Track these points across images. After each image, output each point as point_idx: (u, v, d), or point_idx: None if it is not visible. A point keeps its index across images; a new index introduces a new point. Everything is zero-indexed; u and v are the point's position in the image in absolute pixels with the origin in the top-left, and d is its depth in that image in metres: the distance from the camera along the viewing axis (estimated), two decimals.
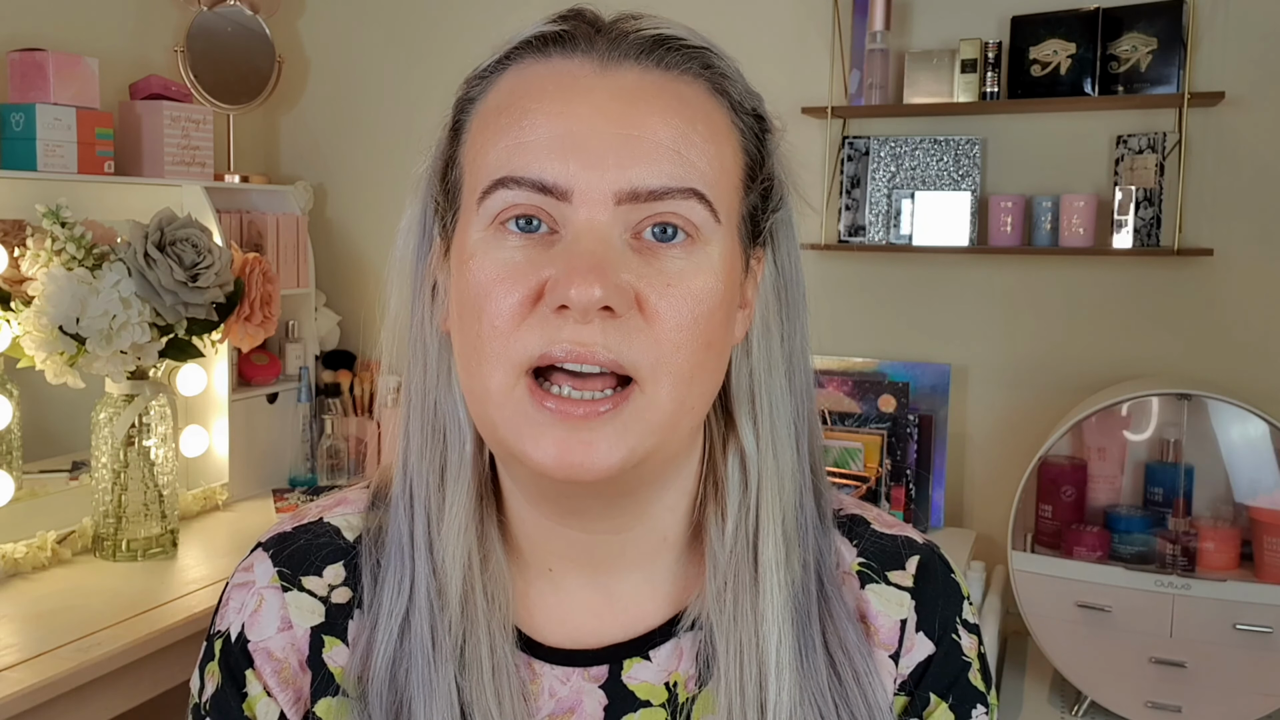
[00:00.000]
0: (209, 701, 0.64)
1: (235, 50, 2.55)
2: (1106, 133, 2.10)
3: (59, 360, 1.72)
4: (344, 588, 0.65)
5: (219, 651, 0.65)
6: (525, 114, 0.55)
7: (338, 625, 0.64)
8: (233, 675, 0.64)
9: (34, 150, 1.93)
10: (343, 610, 0.64)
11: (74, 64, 2.01)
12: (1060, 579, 1.86)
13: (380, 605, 0.62)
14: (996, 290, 2.21)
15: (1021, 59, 2.08)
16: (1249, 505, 1.87)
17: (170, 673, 1.64)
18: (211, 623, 0.67)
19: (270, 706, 0.63)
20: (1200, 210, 2.04)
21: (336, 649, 0.63)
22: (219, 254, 1.84)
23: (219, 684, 0.64)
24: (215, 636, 0.66)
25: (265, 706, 0.63)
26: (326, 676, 0.63)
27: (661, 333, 0.54)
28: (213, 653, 0.65)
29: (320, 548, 0.66)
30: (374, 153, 2.72)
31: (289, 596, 0.64)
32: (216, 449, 2.25)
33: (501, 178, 0.55)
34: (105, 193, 2.08)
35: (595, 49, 0.57)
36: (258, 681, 0.63)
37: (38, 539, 1.81)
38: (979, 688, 0.66)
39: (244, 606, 0.65)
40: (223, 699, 0.64)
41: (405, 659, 0.60)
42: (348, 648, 0.63)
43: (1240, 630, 1.75)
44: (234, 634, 0.64)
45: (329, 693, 0.62)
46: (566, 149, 0.54)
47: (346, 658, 0.63)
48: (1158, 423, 1.97)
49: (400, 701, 0.59)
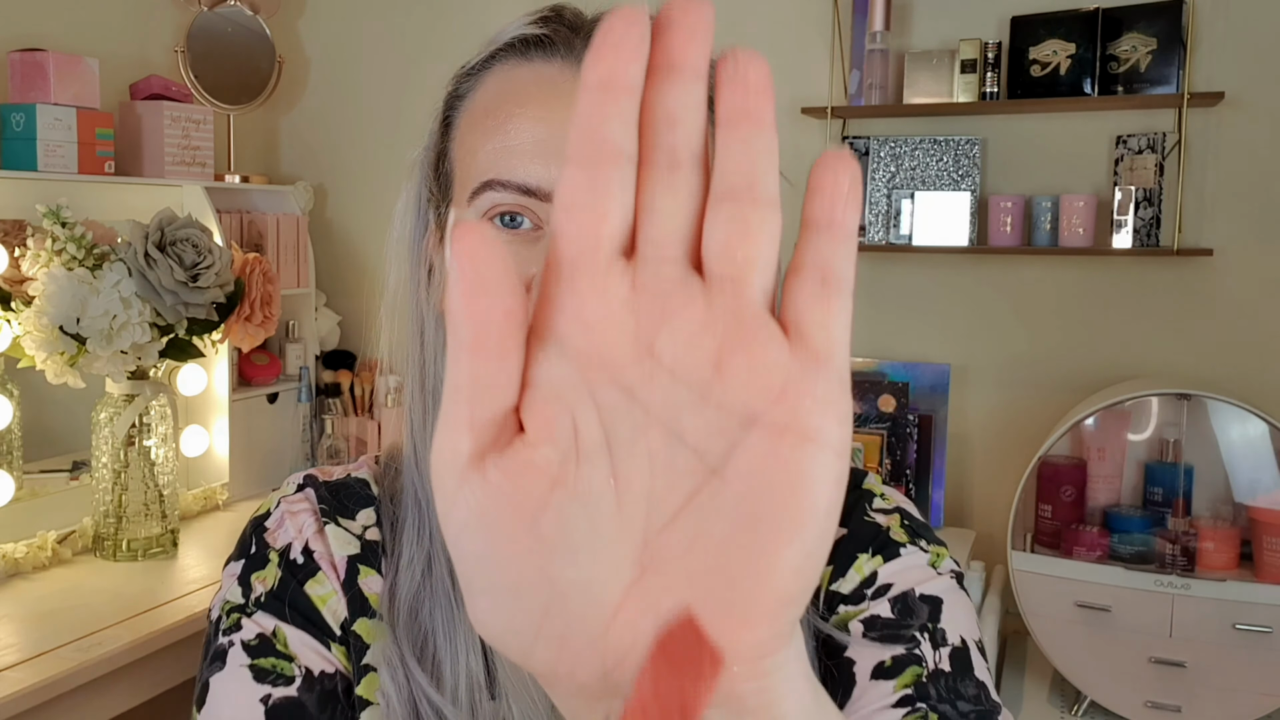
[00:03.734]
0: (264, 597, 0.64)
1: (235, 50, 2.55)
2: (1106, 133, 2.10)
3: (59, 360, 1.72)
4: (375, 528, 0.68)
5: (275, 561, 0.65)
6: (510, 118, 0.59)
7: (372, 559, 0.66)
8: (295, 573, 0.65)
9: (34, 150, 1.93)
10: (375, 547, 0.67)
11: (74, 64, 2.01)
12: (1060, 579, 1.86)
13: (401, 554, 0.65)
14: (996, 290, 2.21)
15: (1021, 59, 2.08)
16: (1248, 505, 1.87)
17: (170, 672, 1.64)
18: (247, 546, 0.67)
19: (340, 603, 0.64)
20: (1200, 210, 2.04)
21: (371, 578, 0.66)
22: (219, 254, 1.84)
23: (277, 581, 0.64)
24: (264, 551, 0.66)
25: (336, 603, 0.64)
26: (362, 601, 0.65)
27: None
28: (263, 562, 0.65)
29: (352, 495, 0.69)
30: (374, 153, 2.72)
31: (329, 529, 0.67)
32: (217, 449, 2.25)
33: (489, 180, 0.58)
34: (105, 193, 2.08)
35: (574, 52, 0.60)
36: (330, 581, 0.65)
37: (38, 539, 1.81)
38: (900, 540, 0.67)
39: (303, 528, 0.66)
40: (284, 591, 0.64)
41: (428, 598, 0.63)
42: (381, 577, 0.66)
43: (1240, 630, 1.75)
44: (297, 546, 0.66)
45: (365, 614, 0.65)
46: (548, 153, 0.58)
47: (380, 585, 0.65)
48: (1157, 422, 1.97)
49: (425, 636, 0.62)
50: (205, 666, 0.64)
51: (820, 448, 0.26)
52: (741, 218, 0.26)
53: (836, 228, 0.27)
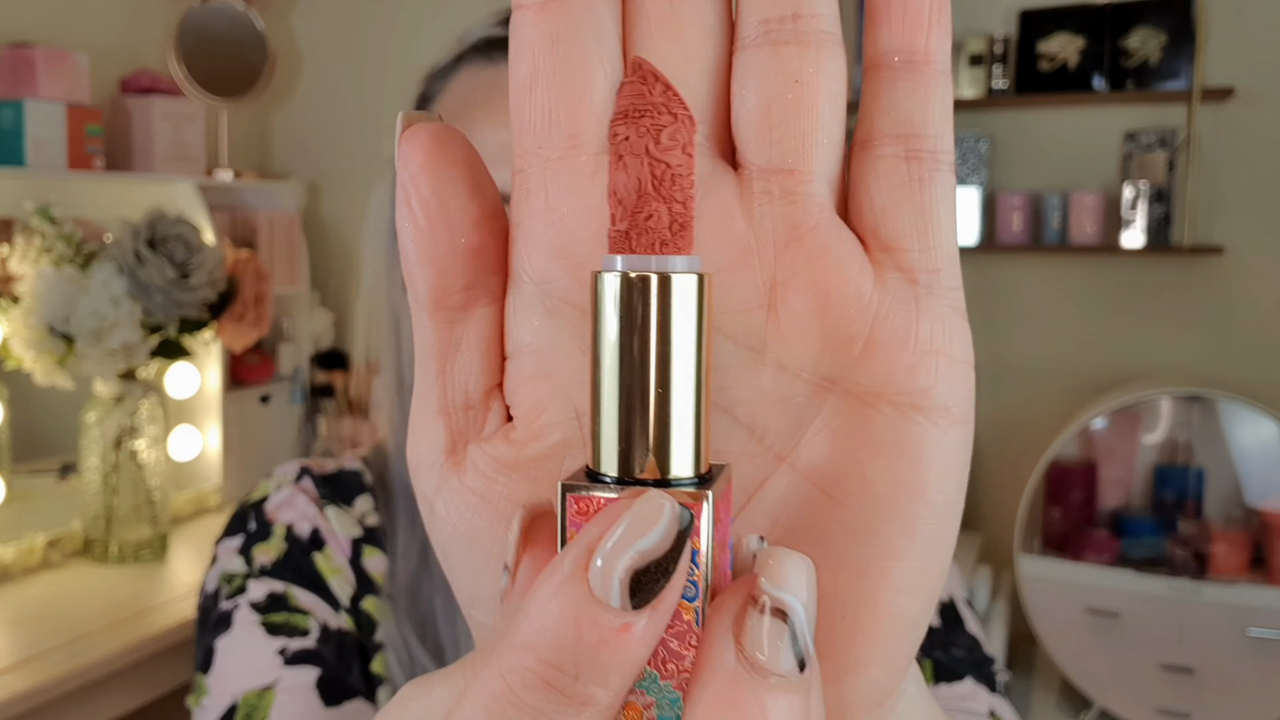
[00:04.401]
0: (269, 565, 0.62)
1: (228, 45, 2.52)
2: (1116, 129, 2.07)
3: (48, 360, 1.69)
4: (373, 514, 0.67)
5: (281, 534, 0.64)
6: (474, 121, 0.58)
7: (374, 541, 0.66)
8: (302, 545, 0.63)
9: (23, 146, 1.91)
10: (375, 531, 0.66)
11: (63, 59, 1.98)
12: (1069, 583, 1.83)
13: (398, 540, 0.64)
14: (1004, 288, 2.18)
15: (1030, 53, 2.05)
16: (1261, 508, 1.84)
17: (162, 677, 1.62)
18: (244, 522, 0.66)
19: (348, 578, 0.63)
20: (1210, 208, 2.01)
21: (376, 557, 0.65)
22: (210, 252, 1.81)
23: (283, 552, 0.63)
24: (266, 526, 0.64)
25: (344, 578, 0.63)
26: (368, 579, 0.64)
27: None
28: (266, 535, 0.64)
29: (347, 484, 0.68)
30: (368, 149, 2.69)
31: (329, 509, 0.66)
32: (209, 450, 2.22)
33: None
34: (95, 189, 2.06)
35: None
36: (337, 556, 0.63)
37: (26, 542, 1.79)
38: None
39: (306, 509, 0.65)
40: (290, 559, 0.62)
41: (426, 582, 0.62)
42: (385, 556, 0.65)
43: (1252, 635, 1.72)
44: (302, 523, 0.64)
45: (373, 592, 0.64)
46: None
47: (384, 564, 0.65)
48: (1168, 424, 1.94)
49: (425, 619, 0.61)
50: (206, 634, 0.60)
51: (932, 415, 0.19)
52: (785, 68, 0.18)
53: (921, 66, 0.19)
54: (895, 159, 0.19)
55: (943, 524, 0.19)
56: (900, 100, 0.19)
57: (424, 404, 0.21)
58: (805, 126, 0.18)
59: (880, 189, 0.19)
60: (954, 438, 0.19)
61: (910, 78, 0.19)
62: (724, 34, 0.19)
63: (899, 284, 0.19)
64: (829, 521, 0.19)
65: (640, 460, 0.17)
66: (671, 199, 0.17)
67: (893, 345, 0.19)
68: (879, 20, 0.19)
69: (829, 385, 0.19)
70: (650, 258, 0.17)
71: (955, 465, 0.19)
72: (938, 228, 0.19)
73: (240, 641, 0.58)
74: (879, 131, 0.19)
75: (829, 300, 0.19)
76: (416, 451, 0.21)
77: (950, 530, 0.20)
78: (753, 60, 0.18)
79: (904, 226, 0.19)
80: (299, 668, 0.57)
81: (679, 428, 0.17)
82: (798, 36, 0.18)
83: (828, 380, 0.19)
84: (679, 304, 0.17)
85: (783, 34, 0.18)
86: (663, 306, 0.17)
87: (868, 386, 0.19)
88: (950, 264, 0.19)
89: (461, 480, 0.21)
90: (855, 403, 0.19)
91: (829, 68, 0.19)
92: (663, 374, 0.17)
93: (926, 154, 0.19)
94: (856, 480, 0.19)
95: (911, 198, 0.18)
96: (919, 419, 0.19)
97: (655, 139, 0.17)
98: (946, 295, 0.19)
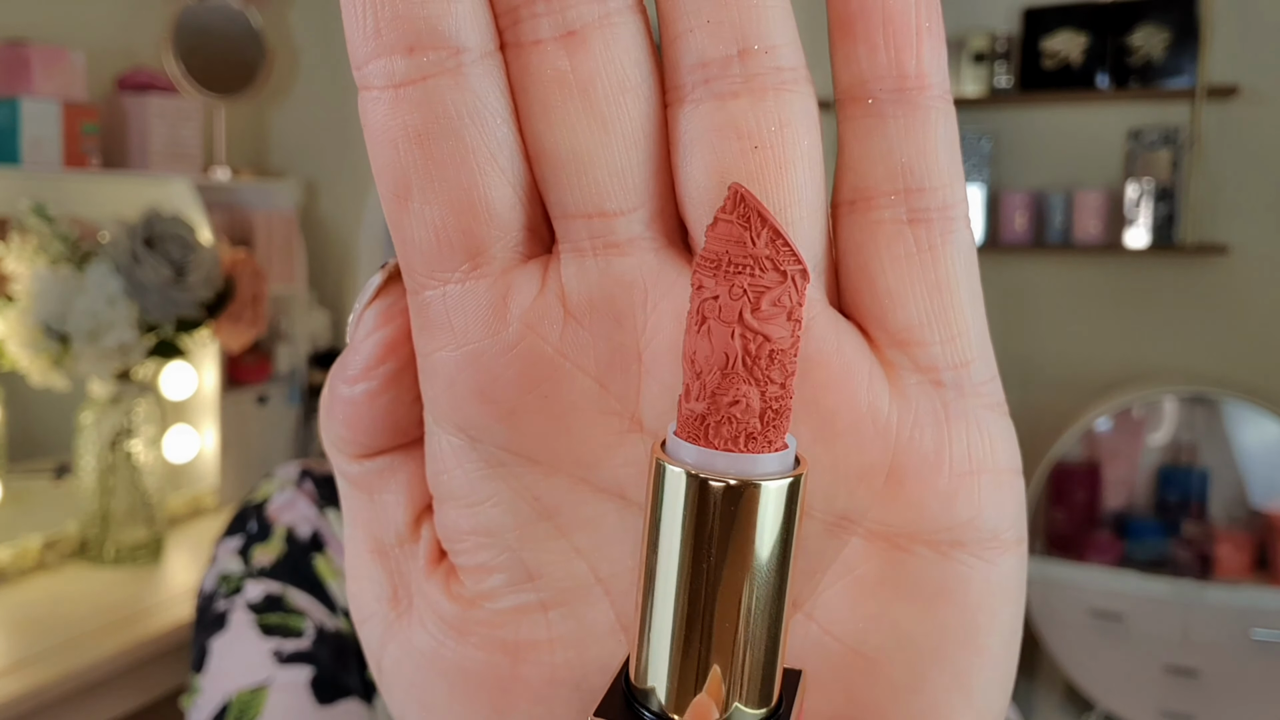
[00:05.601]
0: (268, 566, 0.61)
1: (225, 42, 2.50)
2: (1119, 127, 2.06)
3: (44, 360, 1.68)
4: None
5: (281, 536, 0.63)
6: None
7: None
8: (302, 547, 0.63)
9: (17, 144, 1.90)
10: None
11: (59, 57, 1.97)
12: (1072, 585, 1.82)
13: None
14: (1006, 288, 2.17)
15: (1033, 51, 2.04)
16: (1266, 509, 1.83)
17: (158, 679, 1.61)
18: (245, 523, 0.65)
19: (343, 585, 0.62)
20: (1215, 206, 2.00)
21: None
22: (207, 251, 1.80)
23: (283, 554, 0.62)
24: (266, 527, 0.64)
25: (340, 584, 0.61)
26: None
27: None
28: (266, 536, 0.63)
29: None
30: (366, 148, 2.67)
31: (331, 512, 0.65)
32: (206, 451, 2.21)
33: None
34: (91, 187, 2.05)
35: None
36: (337, 560, 0.62)
37: (21, 543, 1.78)
38: None
39: (307, 512, 0.64)
40: (290, 561, 0.62)
41: None
42: None
43: (1256, 637, 1.71)
44: (302, 525, 0.63)
45: None
46: None
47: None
48: (1172, 424, 1.93)
49: None
50: (201, 634, 0.60)
51: (979, 549, 0.15)
52: (737, 130, 0.14)
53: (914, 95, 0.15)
54: (896, 224, 0.15)
55: (1000, 669, 0.16)
56: (894, 145, 0.15)
57: (356, 546, 0.19)
58: (775, 203, 0.14)
59: (882, 267, 0.15)
60: (1007, 567, 0.16)
61: (903, 112, 0.15)
62: (649, 85, 0.14)
63: (921, 390, 0.15)
64: (863, 681, 0.16)
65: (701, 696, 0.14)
66: (767, 380, 0.13)
67: (923, 472, 0.15)
68: (853, 38, 0.15)
69: (846, 525, 0.16)
70: (733, 456, 0.13)
71: (1011, 598, 0.16)
72: (959, 309, 0.15)
73: (235, 641, 0.57)
74: (871, 189, 0.15)
75: (837, 426, 0.15)
76: (358, 600, 0.19)
77: (1008, 673, 0.16)
78: (693, 121, 0.14)
79: (918, 314, 0.15)
80: (292, 667, 0.56)
81: (752, 661, 0.14)
82: (748, 83, 0.14)
83: (844, 519, 0.15)
84: (765, 516, 0.13)
85: (728, 82, 0.14)
86: (746, 521, 0.13)
87: (898, 527, 0.15)
88: (981, 352, 0.16)
89: (410, 638, 0.18)
90: (883, 546, 0.16)
91: (796, 119, 0.14)
92: (734, 600, 0.13)
93: (935, 212, 0.15)
94: (891, 634, 0.16)
95: (924, 274, 0.15)
96: (963, 557, 0.15)
97: (755, 305, 0.13)
98: (981, 393, 0.16)
